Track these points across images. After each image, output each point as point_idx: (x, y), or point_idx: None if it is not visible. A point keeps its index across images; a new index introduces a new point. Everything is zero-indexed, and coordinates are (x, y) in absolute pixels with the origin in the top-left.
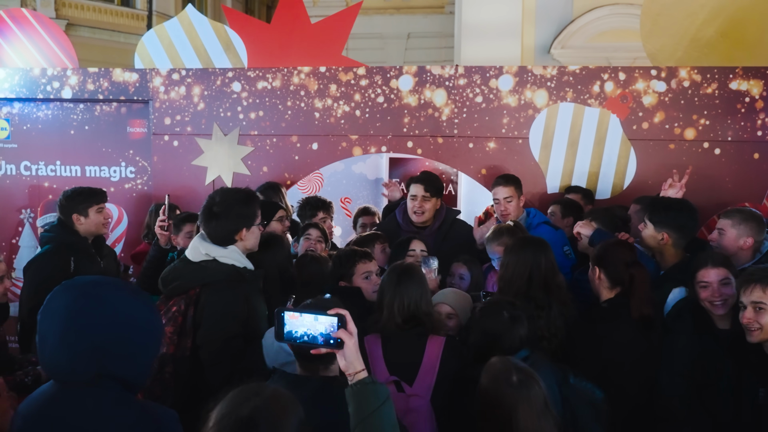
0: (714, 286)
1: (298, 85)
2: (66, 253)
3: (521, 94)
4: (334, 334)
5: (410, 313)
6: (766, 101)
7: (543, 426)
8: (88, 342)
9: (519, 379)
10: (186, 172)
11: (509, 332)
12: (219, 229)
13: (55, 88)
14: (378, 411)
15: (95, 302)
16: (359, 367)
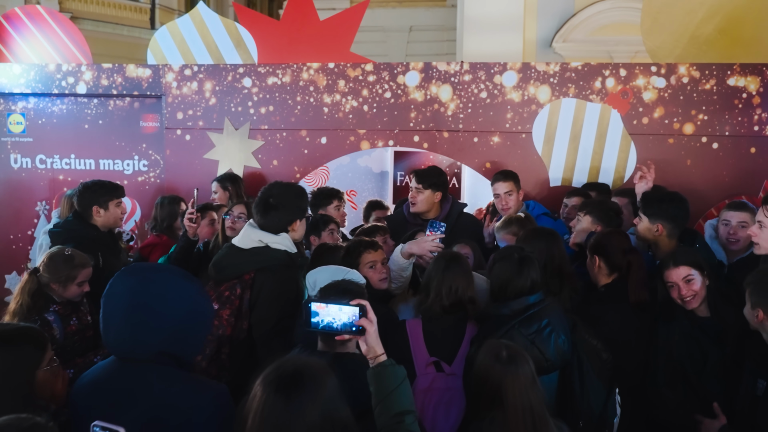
0: (679, 284)
1: (307, 81)
2: (93, 249)
3: (525, 89)
4: (357, 322)
5: (457, 298)
6: (762, 97)
7: (531, 399)
8: (149, 323)
9: (508, 355)
10: (198, 166)
11: (520, 274)
12: (276, 220)
13: (70, 84)
14: (397, 390)
15: (154, 287)
16: (379, 352)
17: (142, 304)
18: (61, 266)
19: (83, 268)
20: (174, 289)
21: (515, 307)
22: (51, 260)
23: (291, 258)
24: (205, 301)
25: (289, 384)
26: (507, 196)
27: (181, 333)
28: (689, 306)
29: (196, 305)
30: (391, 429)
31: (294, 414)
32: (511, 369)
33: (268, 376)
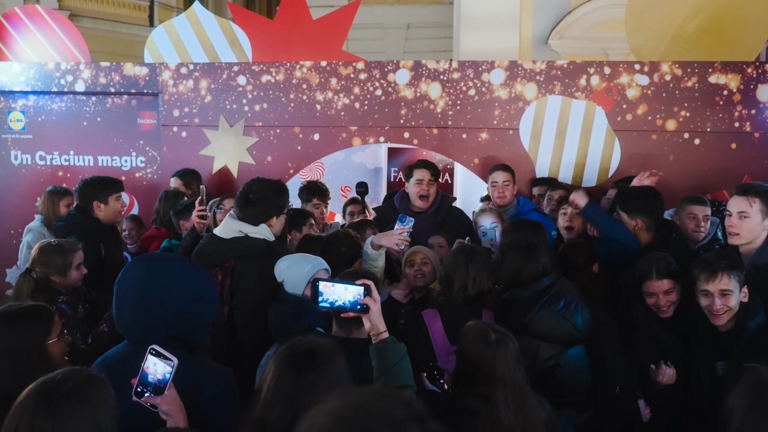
0: (659, 295)
1: (301, 79)
2: (96, 239)
3: (512, 87)
4: (361, 300)
5: (480, 289)
6: (743, 94)
7: (517, 375)
8: (159, 309)
9: (496, 337)
10: (194, 162)
11: (528, 263)
12: (253, 215)
13: (69, 82)
14: (398, 365)
15: (163, 275)
16: (382, 329)
17: (152, 291)
18: (55, 257)
19: (75, 252)
20: (181, 277)
21: (537, 288)
22: (43, 254)
23: (269, 246)
24: (210, 288)
25: (301, 361)
26: (504, 186)
27: (188, 318)
28: (663, 315)
29: (203, 292)
30: None
31: (304, 388)
32: (500, 350)
33: (282, 353)
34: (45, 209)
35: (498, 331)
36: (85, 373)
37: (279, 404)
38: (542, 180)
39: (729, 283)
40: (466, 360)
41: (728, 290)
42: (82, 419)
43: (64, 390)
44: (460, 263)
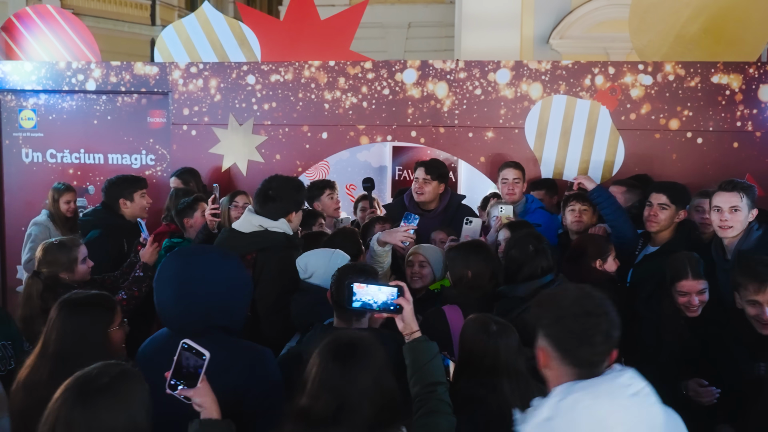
0: (693, 295)
1: (309, 78)
2: (119, 235)
3: (517, 86)
4: (395, 301)
5: (497, 283)
6: (744, 94)
7: (518, 363)
8: (197, 300)
9: (498, 329)
10: (203, 160)
11: (532, 262)
12: (273, 210)
13: (80, 81)
14: (430, 363)
15: (200, 267)
16: (415, 328)
17: (189, 284)
18: (59, 254)
19: (78, 247)
20: (215, 269)
21: (532, 286)
22: (47, 254)
23: (289, 240)
24: (244, 276)
25: (345, 354)
26: (515, 183)
27: (225, 306)
28: (692, 314)
29: (237, 280)
30: (425, 397)
31: (349, 380)
32: (502, 340)
33: (326, 347)
34: (49, 203)
35: (499, 323)
36: (120, 368)
37: (325, 395)
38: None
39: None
40: (470, 352)
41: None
42: (117, 413)
43: (99, 385)
44: (479, 260)
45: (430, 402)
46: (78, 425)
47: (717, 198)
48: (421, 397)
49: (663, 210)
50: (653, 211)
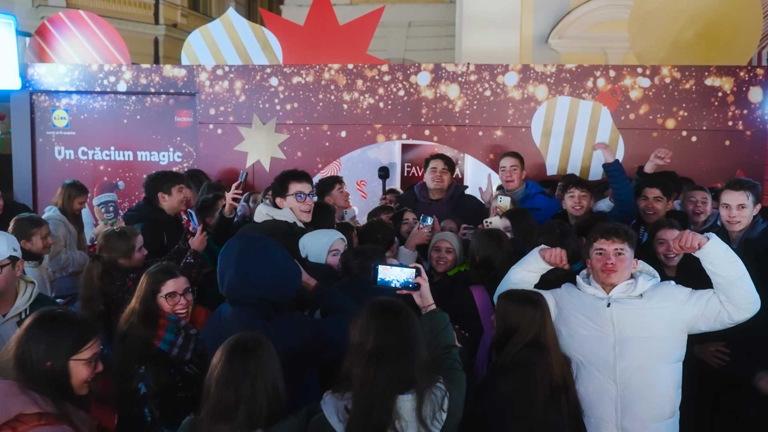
0: (669, 242)
1: (329, 80)
2: (159, 228)
3: (524, 88)
4: (414, 280)
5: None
6: (736, 96)
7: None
8: (253, 277)
9: (538, 300)
10: (228, 157)
11: (562, 244)
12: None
13: (111, 82)
14: (445, 329)
15: (258, 250)
16: (431, 302)
17: (248, 263)
18: (120, 242)
19: (136, 236)
20: (269, 254)
21: (560, 273)
22: (108, 241)
23: (290, 227)
24: (291, 263)
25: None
26: (512, 170)
27: (276, 285)
28: (671, 263)
29: (285, 266)
30: (442, 358)
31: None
32: (546, 311)
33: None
34: (59, 200)
35: (538, 294)
36: (258, 336)
37: (391, 340)
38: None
39: None
40: (514, 324)
41: None
42: (273, 360)
43: (252, 345)
44: (494, 247)
45: (447, 361)
46: (246, 373)
47: (726, 196)
48: (441, 357)
49: (658, 201)
50: (650, 203)
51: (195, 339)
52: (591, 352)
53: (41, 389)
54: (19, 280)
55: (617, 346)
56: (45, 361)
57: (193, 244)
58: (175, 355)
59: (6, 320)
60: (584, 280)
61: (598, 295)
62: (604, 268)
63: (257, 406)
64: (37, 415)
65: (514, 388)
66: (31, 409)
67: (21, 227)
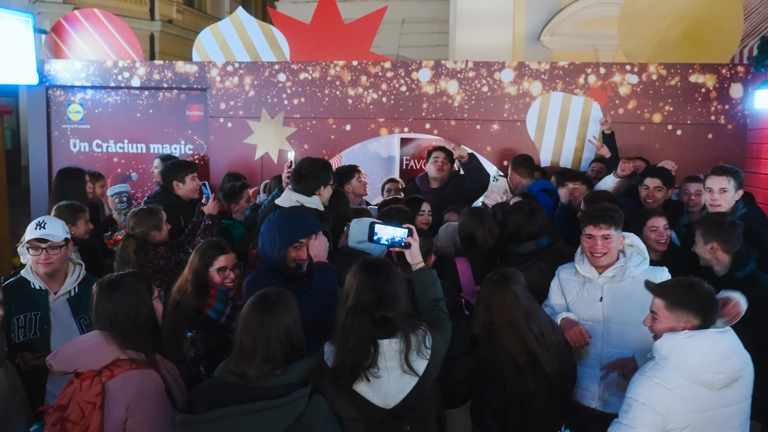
0: (660, 229)
1: (334, 76)
2: (176, 213)
3: (520, 84)
4: (406, 239)
5: (495, 239)
6: (718, 92)
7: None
8: (260, 240)
9: (499, 276)
10: (238, 149)
11: (530, 221)
12: (305, 186)
13: (125, 78)
14: (433, 284)
15: (269, 221)
16: (420, 260)
17: (275, 231)
18: (149, 218)
19: (160, 212)
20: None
21: (530, 247)
22: (138, 218)
23: (320, 214)
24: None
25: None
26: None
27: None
28: (661, 248)
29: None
30: (430, 310)
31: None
32: (518, 288)
33: (358, 266)
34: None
35: (503, 272)
36: (280, 290)
37: (366, 294)
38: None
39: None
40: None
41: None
42: (288, 314)
43: (274, 299)
44: (475, 223)
45: (434, 312)
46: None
47: (709, 180)
48: (428, 309)
49: (659, 191)
50: (650, 192)
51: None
52: None
53: (139, 344)
54: (68, 262)
55: (605, 335)
56: (143, 308)
57: (206, 209)
58: (223, 323)
59: (57, 297)
60: (579, 258)
61: (592, 279)
62: (594, 254)
63: (272, 351)
64: (130, 361)
65: (485, 356)
66: (124, 357)
67: (66, 213)
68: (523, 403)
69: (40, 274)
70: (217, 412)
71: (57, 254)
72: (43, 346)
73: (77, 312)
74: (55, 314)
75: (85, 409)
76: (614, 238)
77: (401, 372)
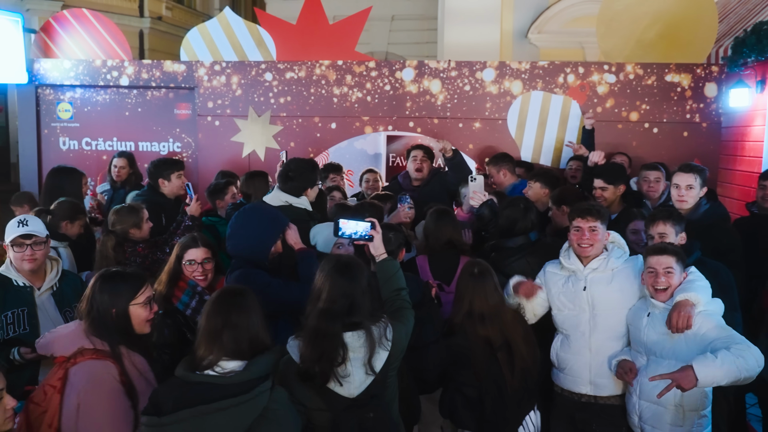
0: (641, 232)
1: (320, 76)
2: (159, 211)
3: (501, 84)
4: (369, 232)
5: (447, 239)
6: (693, 91)
7: (492, 298)
8: (232, 235)
9: (479, 270)
10: (226, 147)
11: (524, 217)
12: (293, 187)
13: (114, 77)
14: (396, 274)
15: (243, 217)
16: (382, 251)
17: (232, 228)
18: (130, 215)
19: (142, 210)
20: (248, 220)
21: (521, 242)
22: (119, 215)
23: (309, 214)
24: (265, 230)
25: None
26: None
27: (246, 247)
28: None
29: (258, 232)
30: (393, 299)
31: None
32: (480, 280)
33: (326, 265)
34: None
35: (481, 265)
36: (243, 287)
37: (340, 299)
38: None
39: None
40: (460, 295)
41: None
42: (256, 311)
43: (240, 295)
44: (430, 223)
45: (397, 301)
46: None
47: (676, 177)
48: (391, 298)
49: (604, 191)
50: (597, 193)
51: None
52: (571, 327)
53: (104, 334)
54: (48, 258)
55: (591, 321)
56: (111, 308)
57: (189, 210)
58: (189, 315)
59: (42, 293)
60: (565, 254)
61: (576, 272)
62: (581, 245)
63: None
64: (94, 350)
65: (459, 343)
66: (89, 346)
67: (68, 210)
68: (499, 388)
69: (24, 270)
70: (184, 413)
71: (41, 250)
72: (34, 340)
73: (62, 306)
74: (41, 309)
75: (48, 392)
76: (600, 231)
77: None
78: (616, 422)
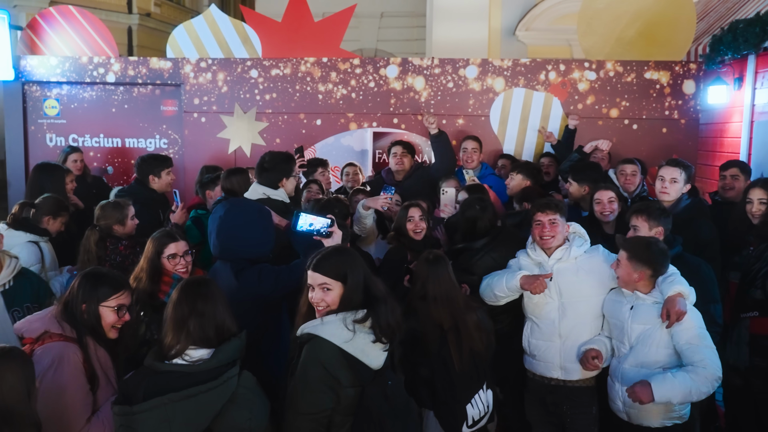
0: (605, 202)
1: (305, 73)
2: (155, 206)
3: (483, 81)
4: (327, 229)
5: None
6: (672, 88)
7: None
8: (232, 240)
9: (433, 257)
10: (212, 143)
11: (482, 216)
12: (268, 179)
13: (101, 74)
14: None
15: (236, 217)
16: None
17: (226, 229)
18: (114, 211)
19: (128, 207)
20: (246, 220)
21: (483, 240)
22: (104, 210)
23: (286, 206)
24: (265, 228)
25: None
26: (473, 152)
27: (249, 246)
28: (606, 220)
29: (259, 232)
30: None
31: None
32: (433, 267)
33: (320, 253)
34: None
35: (433, 253)
36: (206, 277)
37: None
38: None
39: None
40: (415, 279)
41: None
42: (221, 299)
43: (204, 284)
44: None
45: None
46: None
47: (663, 170)
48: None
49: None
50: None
51: None
52: (541, 314)
53: (73, 323)
54: (3, 254)
55: (560, 309)
56: (82, 303)
57: (173, 218)
58: None
59: None
60: (530, 246)
61: (542, 263)
62: (542, 237)
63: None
64: (61, 335)
65: (413, 326)
66: (56, 330)
67: (52, 206)
68: (447, 368)
69: None
70: (154, 401)
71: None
72: None
73: (11, 305)
74: None
75: None
76: (560, 223)
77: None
78: (585, 402)
